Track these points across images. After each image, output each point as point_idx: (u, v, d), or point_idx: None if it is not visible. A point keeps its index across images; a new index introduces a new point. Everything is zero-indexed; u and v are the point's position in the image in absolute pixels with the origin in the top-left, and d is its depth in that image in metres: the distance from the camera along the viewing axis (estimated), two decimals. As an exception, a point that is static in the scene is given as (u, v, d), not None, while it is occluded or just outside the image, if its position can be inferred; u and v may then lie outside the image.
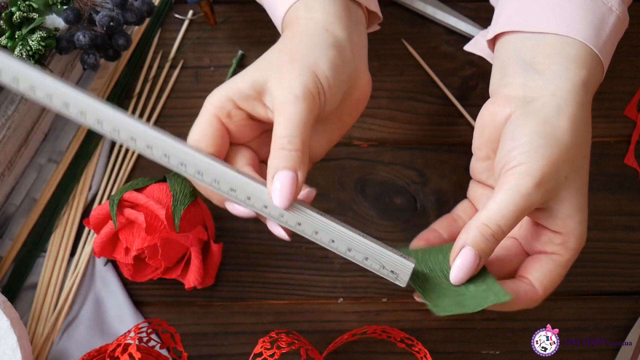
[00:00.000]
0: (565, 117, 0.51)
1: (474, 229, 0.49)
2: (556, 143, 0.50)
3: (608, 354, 0.68)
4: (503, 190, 0.49)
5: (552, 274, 0.52)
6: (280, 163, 0.48)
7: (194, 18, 0.76)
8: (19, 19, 0.61)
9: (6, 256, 0.68)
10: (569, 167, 0.50)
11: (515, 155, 0.50)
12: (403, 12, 0.76)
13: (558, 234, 0.51)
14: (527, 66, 0.53)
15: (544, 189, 0.49)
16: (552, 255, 0.52)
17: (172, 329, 0.62)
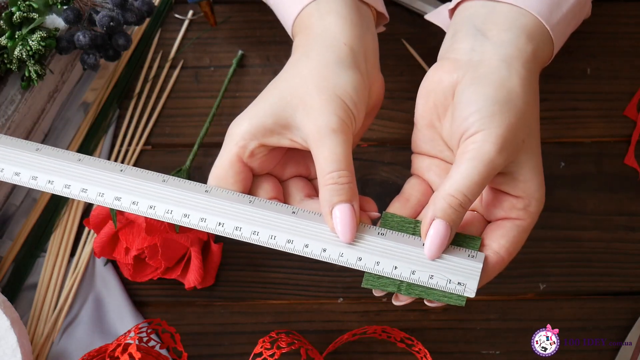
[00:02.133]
0: (517, 81, 0.51)
1: (442, 201, 0.49)
2: (512, 107, 0.50)
3: (608, 354, 0.68)
4: (465, 159, 0.49)
5: (517, 239, 0.51)
6: (335, 198, 0.49)
7: (194, 18, 0.76)
8: (19, 19, 0.61)
9: (6, 256, 0.68)
10: (525, 131, 0.50)
11: (473, 122, 0.50)
12: (403, 12, 0.76)
13: (520, 199, 0.51)
14: (477, 32, 0.53)
15: (506, 154, 0.49)
16: (515, 220, 0.51)
17: (172, 329, 0.62)
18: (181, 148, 0.72)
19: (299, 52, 0.54)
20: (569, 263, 0.69)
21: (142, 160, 0.72)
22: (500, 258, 0.51)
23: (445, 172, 0.55)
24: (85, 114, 0.72)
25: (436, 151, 0.56)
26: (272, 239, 0.50)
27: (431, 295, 0.50)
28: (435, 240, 0.49)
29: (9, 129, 0.64)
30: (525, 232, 0.52)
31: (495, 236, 0.51)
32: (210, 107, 0.72)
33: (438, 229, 0.49)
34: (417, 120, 0.56)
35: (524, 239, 0.52)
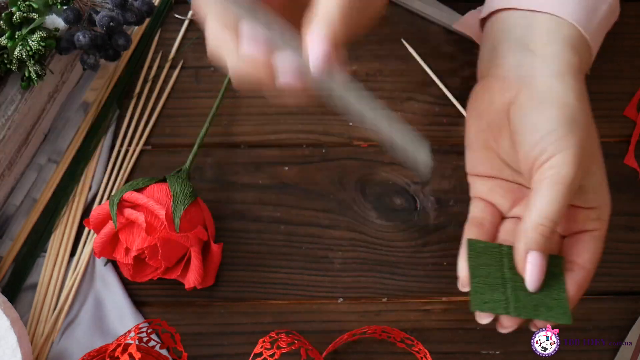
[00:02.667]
0: (573, 96, 0.51)
1: (533, 232, 0.49)
2: (578, 125, 0.50)
3: (608, 354, 0.68)
4: (546, 185, 0.49)
5: (598, 250, 0.52)
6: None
7: (194, 18, 0.76)
8: (19, 19, 0.61)
9: (6, 256, 0.68)
10: (591, 143, 0.51)
11: (545, 146, 0.49)
12: (403, 12, 0.76)
13: (592, 210, 0.51)
14: (520, 45, 0.53)
15: (582, 172, 0.50)
16: (593, 232, 0.52)
17: (172, 329, 0.62)
18: (181, 148, 0.72)
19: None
20: (569, 263, 0.69)
21: (142, 160, 0.72)
22: (587, 272, 0.52)
23: (510, 192, 0.55)
24: (85, 114, 0.72)
25: (495, 171, 0.55)
26: None
27: (538, 315, 0.49)
28: (535, 272, 0.50)
29: (9, 129, 0.64)
30: (603, 240, 0.52)
31: (577, 251, 0.52)
32: (210, 107, 0.72)
33: (535, 260, 0.50)
34: (470, 142, 0.56)
35: (603, 247, 0.53)
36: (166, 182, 0.65)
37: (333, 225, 0.70)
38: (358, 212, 0.70)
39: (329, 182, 0.71)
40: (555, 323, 0.52)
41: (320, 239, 0.70)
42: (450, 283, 0.69)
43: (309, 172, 0.71)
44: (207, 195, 0.70)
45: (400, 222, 0.70)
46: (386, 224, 0.70)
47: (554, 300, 0.51)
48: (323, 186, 0.71)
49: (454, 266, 0.69)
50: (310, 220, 0.70)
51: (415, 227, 0.70)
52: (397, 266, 0.69)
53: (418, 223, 0.70)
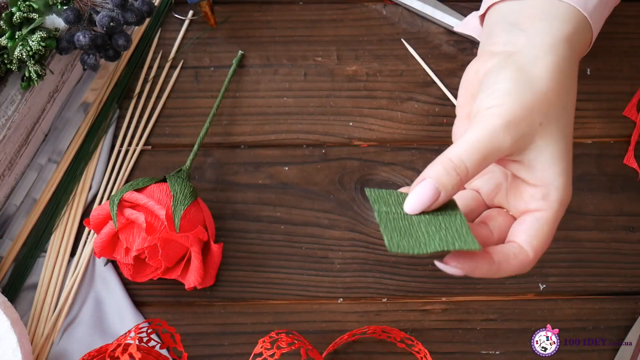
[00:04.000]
0: (541, 66, 0.50)
1: (437, 163, 0.48)
2: (529, 88, 0.49)
3: (608, 354, 0.68)
4: (471, 129, 0.48)
5: (540, 233, 0.50)
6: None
7: (194, 18, 0.76)
8: (19, 19, 0.61)
9: (6, 256, 0.68)
10: (544, 115, 0.49)
11: (489, 100, 0.49)
12: (403, 12, 0.76)
13: (538, 188, 0.50)
14: (511, 26, 0.53)
15: (514, 132, 0.48)
16: (535, 212, 0.50)
17: (172, 329, 0.62)
18: (181, 148, 0.72)
19: None
20: (569, 263, 0.69)
21: (142, 161, 0.72)
22: (521, 251, 0.49)
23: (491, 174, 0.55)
24: (85, 114, 0.72)
25: None
26: None
27: (447, 246, 0.48)
28: (417, 196, 0.48)
29: (9, 129, 0.64)
30: (548, 223, 0.50)
31: (517, 232, 0.50)
32: (210, 107, 0.72)
33: (423, 186, 0.48)
34: (457, 111, 0.56)
35: (550, 232, 0.50)
36: (166, 182, 0.65)
37: (333, 225, 0.70)
38: (358, 212, 0.70)
39: (329, 182, 0.71)
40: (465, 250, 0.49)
41: (320, 239, 0.70)
42: (450, 283, 0.69)
43: (309, 172, 0.71)
44: (207, 195, 0.70)
45: (400, 222, 0.70)
46: (386, 224, 0.70)
47: (456, 231, 0.49)
48: (323, 186, 0.71)
49: (454, 266, 0.69)
50: (310, 220, 0.70)
51: (415, 227, 0.70)
52: (397, 266, 0.69)
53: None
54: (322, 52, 0.75)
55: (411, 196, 0.48)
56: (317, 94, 0.74)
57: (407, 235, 0.48)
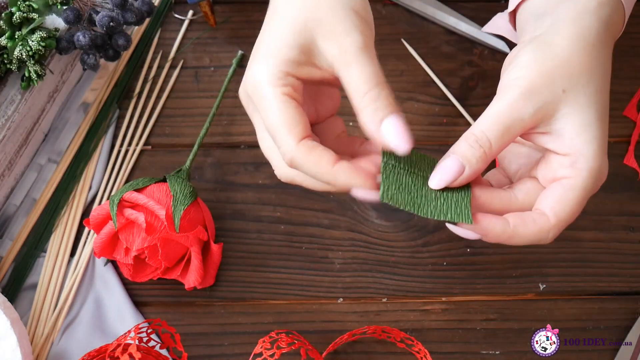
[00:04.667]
0: (562, 36, 0.49)
1: (461, 139, 0.48)
2: (549, 56, 0.48)
3: (608, 354, 0.68)
4: (493, 103, 0.48)
5: (564, 199, 0.48)
6: (380, 113, 0.47)
7: (194, 18, 0.76)
8: (19, 19, 0.61)
9: (6, 256, 0.68)
10: (567, 81, 0.48)
11: (511, 74, 0.49)
12: (403, 12, 0.76)
13: (566, 156, 0.48)
14: (539, 17, 0.52)
15: (535, 100, 0.47)
16: (562, 180, 0.48)
17: (172, 329, 0.62)
18: (181, 148, 0.72)
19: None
20: (569, 263, 0.69)
21: (142, 161, 0.72)
22: (541, 217, 0.48)
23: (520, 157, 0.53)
24: (85, 114, 0.72)
25: None
26: None
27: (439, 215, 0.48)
28: (441, 170, 0.48)
29: (9, 129, 0.64)
30: (574, 190, 0.48)
31: (542, 199, 0.49)
32: (210, 107, 0.72)
33: (447, 161, 0.48)
34: None
35: (576, 200, 0.48)
36: (166, 182, 0.65)
37: (333, 225, 0.70)
38: (358, 212, 0.70)
39: (329, 182, 0.71)
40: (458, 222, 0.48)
41: (320, 239, 0.70)
42: (450, 283, 0.69)
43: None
44: (207, 195, 0.70)
45: (400, 222, 0.70)
46: (386, 224, 0.70)
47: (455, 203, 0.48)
48: (323, 186, 0.71)
49: (454, 266, 0.69)
50: (310, 220, 0.70)
51: (415, 227, 0.70)
52: (397, 266, 0.69)
53: (418, 223, 0.70)
54: (322, 52, 0.75)
55: (436, 172, 0.48)
56: (317, 94, 0.74)
57: (406, 191, 0.48)
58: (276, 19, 0.49)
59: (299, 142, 0.47)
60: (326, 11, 0.48)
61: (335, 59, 0.48)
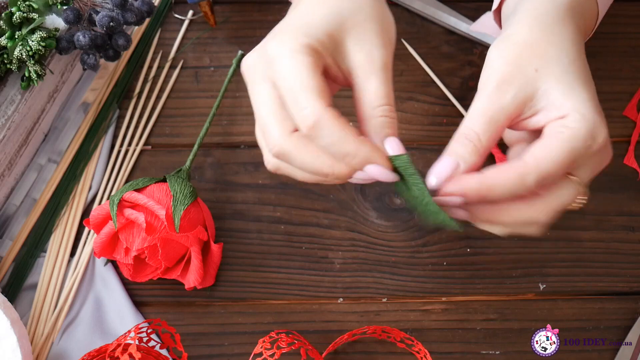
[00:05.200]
0: (520, 23, 0.50)
1: (451, 141, 0.49)
2: (511, 45, 0.49)
3: (608, 354, 0.68)
4: (472, 104, 0.49)
5: (547, 145, 0.47)
6: (387, 129, 0.48)
7: (194, 18, 0.76)
8: (19, 19, 0.61)
9: (6, 256, 0.68)
10: (536, 61, 0.49)
11: (483, 76, 0.50)
12: (403, 12, 0.76)
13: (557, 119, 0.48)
14: (508, 17, 0.54)
15: (511, 88, 0.48)
16: (552, 132, 0.48)
17: (172, 329, 0.62)
18: (181, 148, 0.72)
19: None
20: (569, 263, 0.69)
21: (142, 161, 0.72)
22: (522, 161, 0.47)
23: None
24: (85, 114, 0.72)
25: None
26: None
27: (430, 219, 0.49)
28: (437, 168, 0.48)
29: (9, 129, 0.64)
30: (560, 141, 0.47)
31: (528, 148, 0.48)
32: (210, 107, 0.72)
33: (441, 160, 0.48)
34: None
35: (560, 149, 0.47)
36: (166, 182, 0.65)
37: (333, 225, 0.70)
38: (358, 212, 0.70)
39: (329, 182, 0.71)
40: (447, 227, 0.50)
41: (320, 239, 0.70)
42: (450, 283, 0.69)
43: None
44: (207, 195, 0.70)
45: (400, 222, 0.70)
46: (386, 224, 0.70)
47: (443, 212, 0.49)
48: (323, 186, 0.71)
49: (454, 266, 0.69)
50: (310, 220, 0.70)
51: (415, 227, 0.70)
52: (397, 266, 0.69)
53: (418, 223, 0.70)
54: (322, 52, 0.75)
55: (432, 169, 0.49)
56: (317, 94, 0.74)
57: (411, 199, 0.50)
58: (311, 2, 0.50)
59: (327, 105, 0.46)
60: (366, 19, 0.50)
61: (359, 65, 0.49)
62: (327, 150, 0.47)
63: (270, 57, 0.47)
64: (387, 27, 0.51)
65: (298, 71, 0.46)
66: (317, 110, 0.45)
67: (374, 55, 0.49)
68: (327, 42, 0.48)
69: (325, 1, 0.50)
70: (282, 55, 0.47)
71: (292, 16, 0.50)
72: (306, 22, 0.49)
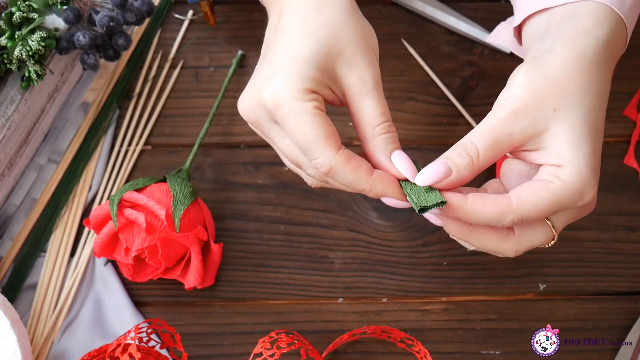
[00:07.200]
0: (556, 56, 0.50)
1: (452, 147, 0.49)
2: (541, 76, 0.49)
3: (608, 354, 0.68)
4: (485, 118, 0.50)
5: (533, 191, 0.48)
6: (390, 145, 0.51)
7: (194, 18, 0.76)
8: (19, 19, 0.61)
9: (6, 256, 0.68)
10: (557, 100, 0.49)
11: (505, 93, 0.50)
12: (403, 12, 0.76)
13: (553, 167, 0.49)
14: (541, 37, 0.53)
15: (525, 119, 0.49)
16: (543, 180, 0.49)
17: (172, 329, 0.62)
18: (181, 148, 0.72)
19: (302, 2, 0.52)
20: (569, 263, 0.69)
21: (142, 161, 0.72)
22: (505, 200, 0.48)
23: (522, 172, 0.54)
24: (85, 114, 0.72)
25: None
26: None
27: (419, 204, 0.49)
28: (429, 169, 0.49)
29: (9, 129, 0.64)
30: (547, 191, 0.48)
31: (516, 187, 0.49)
32: (210, 107, 0.72)
33: (436, 162, 0.49)
34: None
35: (545, 199, 0.48)
36: (166, 182, 0.65)
37: (333, 225, 0.70)
38: (358, 212, 0.70)
39: (329, 182, 0.71)
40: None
41: (320, 239, 0.70)
42: (450, 283, 0.69)
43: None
44: (207, 195, 0.70)
45: (400, 222, 0.70)
46: (386, 224, 0.70)
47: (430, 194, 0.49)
48: (323, 186, 0.71)
49: (454, 266, 0.69)
50: (310, 220, 0.70)
51: (415, 227, 0.70)
52: (397, 266, 0.69)
53: (418, 223, 0.70)
54: (322, 52, 0.75)
55: (424, 170, 0.49)
56: (317, 94, 0.74)
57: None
58: (293, 34, 0.51)
59: (337, 152, 0.49)
60: (349, 42, 0.51)
61: (352, 87, 0.51)
62: (345, 188, 0.51)
63: (270, 106, 0.49)
64: (369, 41, 0.52)
65: (303, 125, 0.48)
66: (328, 159, 0.48)
67: (365, 76, 0.51)
68: (319, 76, 0.50)
69: (306, 31, 0.51)
70: (282, 106, 0.49)
71: (277, 50, 0.51)
72: (294, 59, 0.50)
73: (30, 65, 0.62)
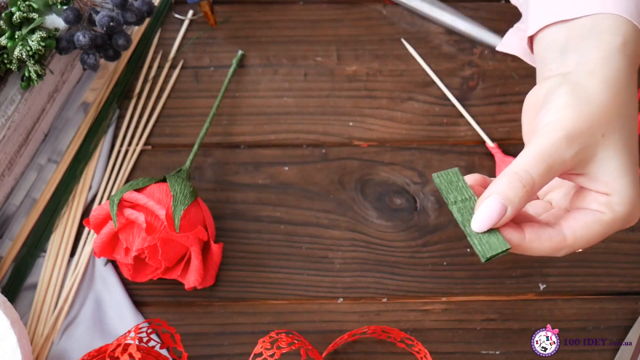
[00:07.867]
0: (596, 79, 0.50)
1: (502, 177, 0.48)
2: (587, 101, 0.49)
3: (608, 354, 0.68)
4: (533, 142, 0.48)
5: (589, 227, 0.49)
6: None
7: (194, 18, 0.76)
8: (19, 19, 0.61)
9: (6, 256, 0.68)
10: (605, 126, 0.49)
11: (549, 115, 0.49)
12: (403, 12, 0.76)
13: (603, 194, 0.49)
14: (562, 51, 0.53)
15: (576, 145, 0.48)
16: (595, 211, 0.49)
17: (172, 329, 0.62)
18: (181, 148, 0.72)
19: None
20: (569, 263, 0.69)
21: (142, 161, 0.72)
22: (561, 236, 0.49)
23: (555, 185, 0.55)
24: (85, 114, 0.72)
25: None
26: None
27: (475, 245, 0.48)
28: (483, 213, 0.48)
29: (9, 129, 0.64)
30: (602, 225, 0.49)
31: (567, 218, 0.50)
32: (210, 107, 0.72)
33: (489, 202, 0.48)
34: (524, 138, 0.56)
35: (600, 233, 0.49)
36: (166, 182, 0.65)
37: (333, 225, 0.70)
38: (358, 212, 0.70)
39: (329, 182, 0.71)
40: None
41: (320, 239, 0.70)
42: (450, 283, 0.69)
43: (309, 172, 0.71)
44: (207, 195, 0.70)
45: (400, 222, 0.70)
46: (386, 224, 0.70)
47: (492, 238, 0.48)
48: (323, 186, 0.71)
49: (454, 266, 0.69)
50: (310, 220, 0.70)
51: (415, 227, 0.70)
52: (397, 266, 0.69)
53: (418, 223, 0.70)
54: (322, 52, 0.75)
55: (478, 214, 0.48)
56: (317, 94, 0.74)
57: None
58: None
59: None
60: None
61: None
62: None
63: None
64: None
65: None
66: None
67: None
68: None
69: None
70: None
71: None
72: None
73: (30, 65, 0.62)
